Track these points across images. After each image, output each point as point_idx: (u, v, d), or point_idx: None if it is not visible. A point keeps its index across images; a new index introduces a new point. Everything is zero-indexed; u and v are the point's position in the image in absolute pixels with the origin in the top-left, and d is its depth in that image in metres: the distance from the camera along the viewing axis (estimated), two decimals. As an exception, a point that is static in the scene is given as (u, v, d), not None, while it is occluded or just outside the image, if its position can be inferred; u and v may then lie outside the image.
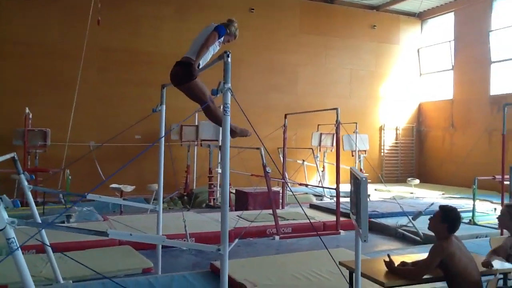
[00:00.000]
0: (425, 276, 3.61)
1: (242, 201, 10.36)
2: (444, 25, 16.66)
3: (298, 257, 6.00)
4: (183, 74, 4.73)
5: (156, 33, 13.33)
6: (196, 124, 12.38)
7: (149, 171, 11.84)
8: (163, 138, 5.42)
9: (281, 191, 10.89)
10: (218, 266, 5.24)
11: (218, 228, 7.62)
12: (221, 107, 3.39)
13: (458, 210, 3.74)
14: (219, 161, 11.06)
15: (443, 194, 13.10)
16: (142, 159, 12.76)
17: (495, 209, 10.04)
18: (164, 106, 5.45)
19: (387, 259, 3.78)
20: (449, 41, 16.18)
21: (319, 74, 15.69)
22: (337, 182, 8.50)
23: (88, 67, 10.88)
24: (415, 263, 3.78)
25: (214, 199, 11.56)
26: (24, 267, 2.85)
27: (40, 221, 4.82)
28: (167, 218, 8.39)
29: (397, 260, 3.89)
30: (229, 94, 3.30)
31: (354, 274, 3.41)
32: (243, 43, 11.41)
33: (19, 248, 2.83)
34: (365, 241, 2.71)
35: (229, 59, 3.43)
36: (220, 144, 11.41)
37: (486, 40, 14.77)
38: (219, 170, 11.65)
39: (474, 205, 8.59)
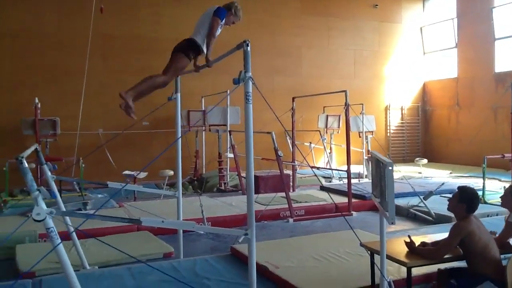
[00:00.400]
0: (445, 256, 3.71)
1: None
2: (446, 3, 16.54)
3: (314, 238, 6.13)
4: (188, 47, 4.92)
5: (157, 19, 13.30)
6: (203, 109, 12.44)
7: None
8: (179, 126, 5.52)
9: (291, 174, 10.99)
10: (239, 250, 5.40)
11: (232, 212, 7.89)
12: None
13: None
14: (229, 146, 11.15)
15: (451, 173, 13.19)
16: (150, 146, 12.88)
17: (504, 187, 10.09)
18: (179, 94, 5.51)
19: (408, 240, 3.89)
20: (452, 19, 16.08)
21: (323, 56, 15.67)
22: (348, 164, 8.60)
23: (91, 55, 10.93)
24: (435, 243, 3.89)
25: (224, 183, 11.68)
26: (64, 255, 2.97)
27: (64, 209, 4.94)
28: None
29: (416, 240, 3.99)
30: (250, 83, 3.37)
31: (379, 256, 3.51)
32: (245, 26, 11.42)
33: (59, 238, 2.94)
34: (392, 223, 2.80)
35: (249, 48, 3.50)
36: (229, 129, 11.50)
37: (489, 16, 14.70)
38: (229, 155, 11.77)
39: (484, 183, 8.68)
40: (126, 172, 9.76)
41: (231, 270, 4.96)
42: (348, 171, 8.54)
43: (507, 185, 10.31)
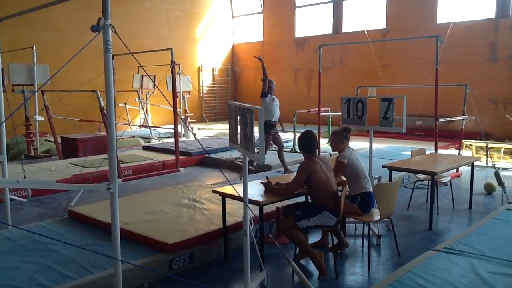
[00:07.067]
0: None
1: (70, 148, 9.83)
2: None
3: (152, 194, 6.12)
4: None
5: None
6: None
7: None
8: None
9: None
10: (77, 211, 5.16)
11: (55, 177, 7.32)
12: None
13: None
14: (42, 108, 10.14)
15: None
16: None
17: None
18: (-2, 45, 4.83)
19: (265, 181, 4.25)
20: (258, -15, 17.17)
21: (136, 14, 15.19)
22: (175, 122, 8.69)
23: None
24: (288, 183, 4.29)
25: (34, 148, 10.65)
26: None
27: None
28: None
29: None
30: (110, 31, 3.21)
31: (232, 199, 3.76)
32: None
33: None
34: (262, 162, 3.05)
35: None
36: (36, 89, 10.42)
37: (290, -15, 16.15)
38: (38, 118, 10.74)
39: (294, 135, 9.75)
40: None
41: (73, 232, 4.71)
42: (175, 129, 8.65)
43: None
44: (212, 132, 14.39)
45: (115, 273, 3.31)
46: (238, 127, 3.50)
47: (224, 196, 4.31)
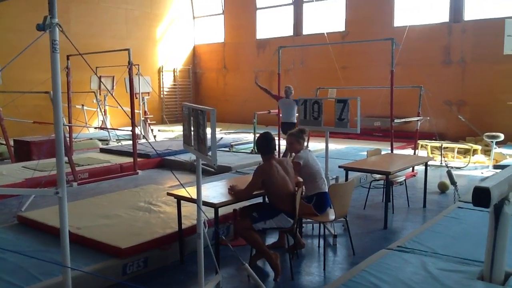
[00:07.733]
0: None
1: (23, 151, 9.49)
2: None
3: (107, 198, 5.98)
4: None
5: None
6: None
7: None
8: None
9: (68, 138, 10.29)
10: (27, 217, 4.98)
11: (7, 181, 7.04)
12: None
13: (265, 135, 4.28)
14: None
15: (221, 130, 14.24)
16: None
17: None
18: None
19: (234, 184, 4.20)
20: (219, -14, 17.11)
21: (94, 14, 14.86)
22: (133, 124, 8.54)
23: None
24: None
25: (-16, 152, 10.23)
26: None
27: None
28: None
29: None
30: (57, 30, 3.11)
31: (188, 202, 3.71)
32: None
33: None
34: (215, 165, 3.00)
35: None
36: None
37: (251, -13, 16.18)
38: (-11, 119, 10.31)
39: (254, 136, 9.74)
40: None
41: (23, 238, 4.53)
42: (133, 131, 8.50)
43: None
44: (172, 134, 14.22)
45: (64, 281, 3.21)
46: (192, 129, 3.45)
47: (179, 198, 4.26)
